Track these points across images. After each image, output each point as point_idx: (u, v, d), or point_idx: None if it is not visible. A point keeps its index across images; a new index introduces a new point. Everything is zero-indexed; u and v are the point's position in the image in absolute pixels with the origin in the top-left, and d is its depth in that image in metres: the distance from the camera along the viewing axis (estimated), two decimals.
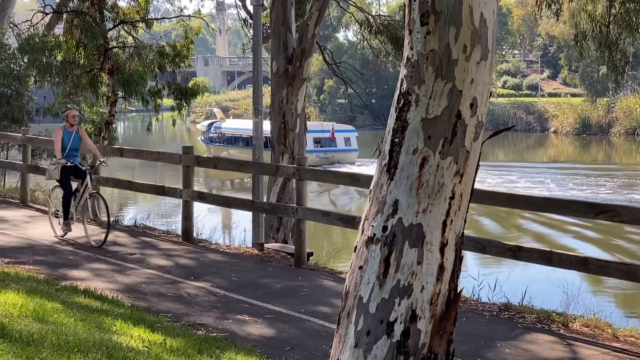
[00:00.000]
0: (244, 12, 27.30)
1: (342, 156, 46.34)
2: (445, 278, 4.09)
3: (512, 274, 16.42)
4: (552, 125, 71.76)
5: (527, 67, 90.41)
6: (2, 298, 7.45)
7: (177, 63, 21.67)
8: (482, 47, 4.02)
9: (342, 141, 46.94)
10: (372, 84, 77.62)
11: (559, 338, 8.55)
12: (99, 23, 20.62)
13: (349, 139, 47.46)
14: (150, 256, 12.38)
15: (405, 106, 4.10)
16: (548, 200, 11.29)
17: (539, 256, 9.27)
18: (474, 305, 9.95)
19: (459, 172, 4.08)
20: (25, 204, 17.10)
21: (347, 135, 47.78)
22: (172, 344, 6.94)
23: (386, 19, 25.42)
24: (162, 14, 75.45)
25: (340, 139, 46.92)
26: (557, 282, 12.67)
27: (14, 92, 23.02)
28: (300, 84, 17.18)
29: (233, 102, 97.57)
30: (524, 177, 41.10)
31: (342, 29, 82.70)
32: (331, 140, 46.26)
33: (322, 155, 45.57)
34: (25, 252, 12.12)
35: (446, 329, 4.08)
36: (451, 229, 4.10)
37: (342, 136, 47.20)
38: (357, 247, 4.23)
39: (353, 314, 4.11)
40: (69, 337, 6.17)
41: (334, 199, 35.64)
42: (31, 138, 17.69)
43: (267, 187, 16.85)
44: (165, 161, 16.06)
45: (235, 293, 10.16)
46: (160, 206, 31.01)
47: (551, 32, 78.48)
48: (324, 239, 23.67)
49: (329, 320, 8.92)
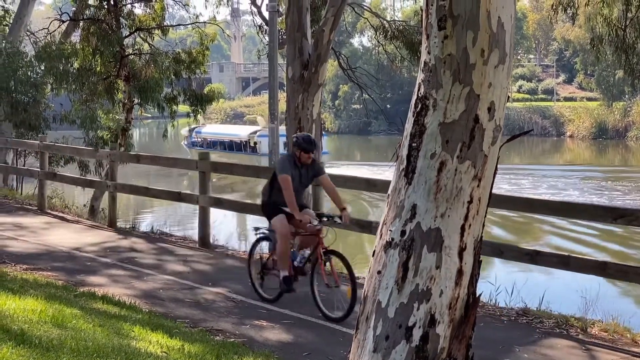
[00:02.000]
0: (259, 18, 27.38)
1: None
2: (464, 282, 4.08)
3: (529, 278, 16.35)
4: (568, 129, 71.48)
5: (543, 71, 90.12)
6: (21, 304, 7.49)
7: (192, 69, 21.77)
8: (499, 51, 4.01)
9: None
10: (387, 89, 77.60)
11: (577, 343, 8.51)
12: (115, 30, 20.75)
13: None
14: (167, 262, 12.41)
15: (423, 110, 4.10)
16: (566, 204, 11.26)
17: (557, 260, 9.24)
18: (491, 310, 9.92)
19: (477, 177, 4.07)
20: (43, 211, 17.19)
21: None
22: (190, 349, 6.95)
23: (401, 24, 25.42)
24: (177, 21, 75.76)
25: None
26: (576, 287, 12.62)
27: (31, 99, 23.16)
28: (315, 89, 17.17)
29: (248, 108, 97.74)
30: (538, 182, 40.98)
31: (357, 34, 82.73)
32: None
33: None
34: (44, 259, 12.18)
35: (465, 333, 4.07)
36: (469, 233, 4.09)
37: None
38: (375, 252, 4.23)
39: (372, 319, 4.10)
40: (88, 342, 6.20)
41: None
42: (48, 145, 17.78)
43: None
44: (181, 167, 16.12)
45: (252, 298, 10.17)
46: (176, 212, 31.10)
47: (567, 36, 78.23)
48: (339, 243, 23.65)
49: (346, 325, 8.92)
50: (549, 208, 10.60)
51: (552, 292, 11.69)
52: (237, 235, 24.66)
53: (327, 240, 9.66)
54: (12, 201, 19.10)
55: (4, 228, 14.83)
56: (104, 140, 21.97)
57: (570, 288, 13.22)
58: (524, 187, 38.56)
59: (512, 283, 12.02)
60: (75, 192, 27.65)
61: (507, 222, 26.61)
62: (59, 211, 17.85)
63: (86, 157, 20.55)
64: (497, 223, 27.03)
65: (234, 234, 23.79)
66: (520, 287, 11.80)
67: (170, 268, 11.94)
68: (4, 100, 22.78)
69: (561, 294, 13.03)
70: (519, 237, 26.62)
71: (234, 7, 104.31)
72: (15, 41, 24.25)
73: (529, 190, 37.44)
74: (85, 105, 21.67)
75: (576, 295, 11.86)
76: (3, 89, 22.59)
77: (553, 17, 19.53)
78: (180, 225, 24.22)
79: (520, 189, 37.88)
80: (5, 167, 21.35)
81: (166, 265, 12.17)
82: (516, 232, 27.48)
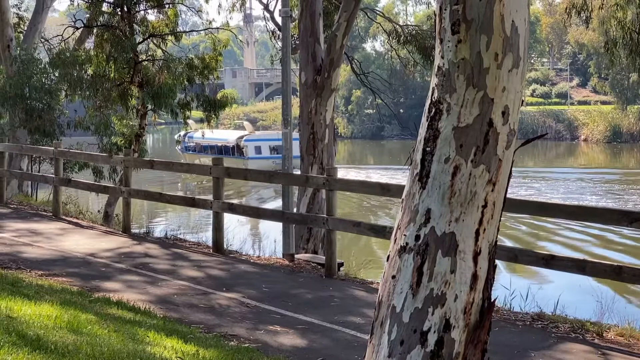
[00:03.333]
0: (272, 23, 27.45)
1: (297, 162, 49.03)
2: (479, 287, 4.07)
3: (543, 283, 16.31)
4: (582, 133, 71.27)
5: (556, 75, 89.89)
6: (37, 310, 7.52)
7: (205, 75, 21.81)
8: (513, 55, 4.01)
9: (296, 148, 48.91)
10: (400, 94, 77.56)
11: (593, 348, 8.47)
12: (129, 37, 20.82)
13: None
14: (182, 267, 12.43)
15: (437, 115, 4.10)
16: (580, 208, 11.21)
17: (573, 265, 9.20)
18: (506, 315, 9.89)
19: (491, 181, 4.06)
20: (58, 217, 17.25)
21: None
22: (204, 354, 6.96)
23: (414, 29, 25.43)
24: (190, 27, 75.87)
25: (295, 147, 48.92)
26: (591, 291, 12.58)
27: (46, 106, 23.25)
28: (328, 94, 17.22)
29: (261, 113, 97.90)
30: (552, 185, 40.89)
31: (370, 39, 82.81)
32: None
33: (278, 161, 48.15)
34: (59, 265, 12.22)
35: (480, 338, 4.06)
36: (484, 237, 4.08)
37: (297, 144, 48.88)
38: (389, 257, 4.22)
39: (386, 324, 4.09)
40: (104, 348, 6.22)
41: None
42: (63, 151, 17.84)
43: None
44: (195, 172, 16.18)
45: (267, 304, 10.17)
46: (190, 218, 31.17)
47: (580, 39, 78.03)
48: (352, 249, 23.65)
49: (360, 330, 8.91)
50: (564, 212, 10.57)
51: (567, 296, 11.64)
52: (251, 240, 24.69)
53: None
54: (27, 207, 19.18)
55: (19, 234, 14.90)
56: (118, 146, 22.04)
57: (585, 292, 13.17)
58: (539, 191, 38.49)
59: (527, 287, 11.99)
60: (89, 198, 27.77)
61: (516, 232, 26.52)
62: (73, 217, 17.92)
63: (100, 163, 20.62)
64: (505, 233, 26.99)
65: (248, 239, 23.81)
66: (535, 291, 11.78)
67: (184, 273, 11.96)
68: (19, 107, 22.89)
69: (576, 298, 12.98)
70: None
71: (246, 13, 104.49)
72: (29, 48, 24.37)
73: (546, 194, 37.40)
74: (99, 112, 21.75)
75: (592, 299, 11.82)
76: (18, 96, 22.70)
77: (567, 21, 19.50)
78: (194, 230, 24.27)
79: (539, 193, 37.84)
80: (20, 174, 21.45)
81: (180, 270, 12.19)
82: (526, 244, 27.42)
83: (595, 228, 27.14)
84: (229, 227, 15.99)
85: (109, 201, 21.58)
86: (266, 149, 51.82)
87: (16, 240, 14.26)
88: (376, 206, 35.24)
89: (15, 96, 22.67)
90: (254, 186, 41.96)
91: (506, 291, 11.32)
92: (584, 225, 27.12)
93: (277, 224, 17.58)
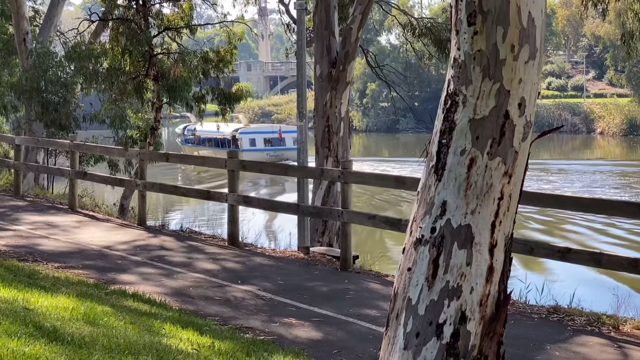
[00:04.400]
0: (286, 16, 27.45)
1: (291, 154, 51.02)
2: (495, 279, 4.06)
3: (559, 275, 16.26)
4: (598, 126, 70.93)
5: (572, 67, 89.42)
6: (53, 302, 7.57)
7: (220, 68, 21.84)
8: (530, 47, 3.99)
9: (290, 140, 52.71)
10: (414, 87, 77.41)
11: (609, 341, 8.44)
12: (144, 30, 20.87)
13: (297, 139, 52.17)
14: (197, 260, 12.46)
15: (453, 107, 4.09)
16: (597, 200, 11.14)
17: (589, 258, 9.16)
18: (522, 308, 9.86)
19: (507, 173, 4.05)
20: (74, 210, 17.32)
21: (295, 136, 51.98)
22: (220, 347, 6.98)
23: (429, 22, 25.35)
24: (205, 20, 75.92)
25: (289, 139, 53.34)
26: (607, 284, 12.53)
27: (61, 99, 23.35)
28: (343, 87, 17.19)
29: (276, 106, 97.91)
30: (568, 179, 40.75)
31: (385, 32, 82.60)
32: (280, 140, 53.85)
33: (272, 153, 51.50)
34: (75, 257, 12.28)
35: (496, 330, 4.05)
36: (500, 229, 4.07)
37: (290, 136, 53.07)
38: (405, 249, 4.21)
39: (402, 316, 4.09)
40: (120, 339, 6.25)
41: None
42: (79, 144, 17.91)
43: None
44: (210, 166, 16.19)
45: (282, 296, 10.19)
46: (205, 210, 31.24)
47: (596, 32, 77.60)
48: (367, 241, 23.65)
49: (375, 323, 8.91)
50: (580, 205, 10.52)
51: (582, 289, 11.59)
52: (266, 233, 24.72)
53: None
54: (43, 200, 19.28)
55: (35, 227, 14.98)
56: (133, 139, 22.12)
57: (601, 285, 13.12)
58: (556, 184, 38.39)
59: (542, 280, 11.96)
60: (105, 191, 27.88)
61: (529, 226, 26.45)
62: (89, 210, 17.99)
63: (116, 156, 20.70)
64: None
65: (263, 232, 23.85)
66: (551, 284, 11.74)
67: (199, 266, 12.00)
68: (35, 100, 22.99)
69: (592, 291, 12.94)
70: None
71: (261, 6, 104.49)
72: (45, 41, 24.47)
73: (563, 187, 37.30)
74: (115, 105, 21.82)
75: (608, 292, 11.78)
76: (34, 89, 22.80)
77: (583, 13, 19.37)
78: (210, 223, 24.32)
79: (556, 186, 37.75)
80: (36, 167, 21.55)
81: (196, 263, 12.23)
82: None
83: (599, 222, 27.16)
84: (244, 220, 16.01)
85: (125, 194, 21.65)
86: (260, 141, 54.08)
87: (33, 232, 14.34)
88: (387, 203, 35.18)
89: (31, 89, 22.77)
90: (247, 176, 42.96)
91: (522, 284, 11.30)
92: (586, 219, 27.14)
93: (290, 216, 17.61)
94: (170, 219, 25.05)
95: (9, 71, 27.15)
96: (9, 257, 11.68)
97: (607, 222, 26.76)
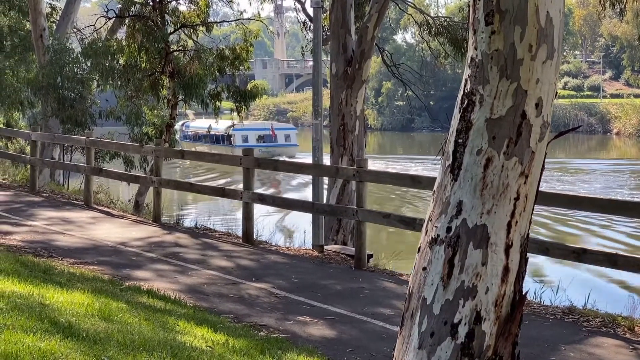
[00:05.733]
0: (303, 14, 27.43)
1: (283, 150, 54.37)
2: (510, 279, 4.05)
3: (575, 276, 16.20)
4: (614, 126, 70.61)
5: (589, 67, 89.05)
6: (68, 297, 7.60)
7: (236, 66, 21.86)
8: (548, 46, 3.97)
9: (282, 137, 56.29)
10: (430, 86, 77.26)
11: (625, 342, 8.40)
12: (160, 27, 20.92)
13: (289, 136, 57.08)
14: (212, 257, 12.49)
15: (469, 106, 4.07)
16: (613, 202, 11.05)
17: (605, 259, 9.12)
18: (536, 308, 9.83)
19: (524, 173, 4.04)
20: (89, 206, 17.40)
21: (287, 133, 57.53)
22: (234, 344, 6.99)
23: (445, 20, 25.27)
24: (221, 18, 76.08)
25: (281, 136, 56.50)
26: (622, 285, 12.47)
27: (78, 95, 23.43)
28: (359, 85, 17.19)
29: (291, 104, 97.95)
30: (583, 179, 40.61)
31: (401, 30, 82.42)
32: (272, 136, 55.72)
33: (264, 150, 53.00)
34: (90, 253, 12.33)
35: (511, 331, 4.04)
36: (516, 230, 4.05)
37: (282, 133, 56.74)
38: (420, 248, 4.21)
39: (417, 315, 4.09)
40: (134, 336, 6.27)
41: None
42: (94, 141, 17.97)
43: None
44: (225, 163, 16.20)
45: (296, 294, 10.20)
46: (219, 207, 31.28)
47: (614, 32, 77.24)
48: (382, 240, 23.63)
49: (389, 322, 8.90)
50: (596, 205, 10.46)
51: (598, 290, 11.55)
52: (280, 231, 24.73)
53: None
54: (58, 196, 19.36)
55: (51, 222, 15.05)
56: (149, 136, 22.17)
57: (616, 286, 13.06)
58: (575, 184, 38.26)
59: (558, 280, 11.92)
60: (120, 187, 27.98)
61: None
62: (104, 206, 18.06)
63: (131, 152, 20.75)
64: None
65: (278, 229, 23.86)
66: (566, 285, 11.70)
67: (214, 263, 12.02)
68: (51, 97, 23.08)
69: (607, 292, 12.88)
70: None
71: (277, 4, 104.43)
72: (62, 38, 24.56)
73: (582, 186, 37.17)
74: (131, 102, 21.87)
75: (623, 293, 11.73)
76: (50, 85, 22.89)
77: (600, 13, 19.28)
78: (224, 220, 24.35)
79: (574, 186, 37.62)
80: (52, 163, 21.64)
81: (210, 260, 12.25)
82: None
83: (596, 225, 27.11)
84: (259, 218, 16.03)
85: (140, 191, 21.71)
86: (253, 138, 55.73)
87: (48, 228, 14.41)
88: (398, 206, 35.10)
89: (47, 86, 22.87)
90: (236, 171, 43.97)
91: (536, 284, 11.26)
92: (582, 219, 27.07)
93: (304, 214, 17.62)
94: (185, 216, 25.11)
95: (25, 67, 27.28)
96: (24, 252, 11.74)
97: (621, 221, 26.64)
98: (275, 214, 28.24)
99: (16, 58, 27.75)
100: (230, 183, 37.63)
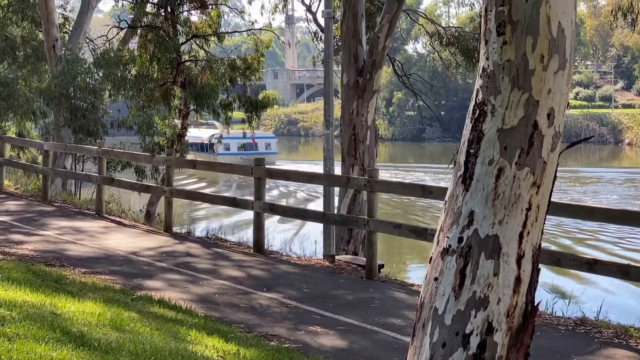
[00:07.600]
0: (314, 25, 27.49)
1: (271, 158, 55.35)
2: (522, 290, 4.04)
3: (587, 288, 16.14)
4: (626, 137, 70.42)
5: (600, 78, 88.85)
6: (80, 307, 7.61)
7: (247, 76, 21.92)
8: (559, 57, 3.97)
9: (263, 146, 58.31)
10: (441, 96, 77.24)
11: (637, 354, 8.36)
12: (172, 37, 20.99)
13: (269, 144, 59.58)
14: (223, 267, 12.49)
15: (481, 117, 4.07)
16: (626, 212, 11.00)
17: (617, 270, 9.09)
18: (548, 319, 9.80)
19: (535, 183, 4.03)
20: (101, 215, 17.44)
21: (267, 141, 60.08)
22: (245, 354, 6.99)
23: (456, 31, 25.29)
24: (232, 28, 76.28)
25: (261, 144, 58.45)
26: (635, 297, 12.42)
27: (90, 105, 23.53)
28: (370, 96, 17.21)
29: (302, 114, 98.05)
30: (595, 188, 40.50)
31: (412, 41, 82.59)
32: (253, 145, 56.71)
33: (245, 157, 53.27)
34: (102, 263, 12.35)
35: (523, 341, 4.03)
36: (528, 240, 4.04)
37: (263, 142, 58.98)
38: (432, 259, 4.20)
39: (428, 326, 4.08)
40: (146, 345, 6.27)
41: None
42: (106, 151, 18.03)
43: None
44: (237, 173, 16.24)
45: (307, 304, 10.19)
46: (231, 217, 31.30)
47: (625, 42, 77.11)
48: (393, 251, 23.59)
49: (401, 332, 8.89)
50: (609, 216, 10.41)
51: (610, 301, 11.49)
52: (291, 241, 24.73)
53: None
54: (70, 206, 19.41)
55: (63, 232, 15.09)
56: (160, 146, 22.23)
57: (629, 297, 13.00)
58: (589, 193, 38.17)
59: (569, 292, 11.87)
60: (131, 197, 28.03)
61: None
62: (116, 216, 18.09)
63: (143, 162, 20.81)
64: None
65: (289, 240, 23.86)
66: (579, 296, 11.66)
67: (225, 273, 12.03)
68: (64, 106, 23.18)
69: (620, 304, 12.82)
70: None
71: (288, 14, 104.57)
72: (74, 48, 24.68)
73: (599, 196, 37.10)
74: (142, 112, 21.95)
75: (636, 304, 11.67)
76: (62, 95, 22.99)
77: (612, 23, 19.26)
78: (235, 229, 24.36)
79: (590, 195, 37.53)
80: (64, 172, 21.71)
81: (221, 270, 12.26)
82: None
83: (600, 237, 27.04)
84: (270, 228, 16.03)
85: (151, 200, 21.76)
86: (235, 146, 57.35)
87: (60, 238, 14.44)
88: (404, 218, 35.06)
89: (60, 95, 22.97)
90: (224, 178, 46.51)
91: (548, 295, 11.22)
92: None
93: (316, 224, 17.60)
94: (196, 225, 25.14)
95: (38, 77, 27.43)
96: (37, 262, 11.77)
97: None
98: (287, 224, 28.24)
99: (29, 68, 27.91)
100: (218, 191, 38.45)
